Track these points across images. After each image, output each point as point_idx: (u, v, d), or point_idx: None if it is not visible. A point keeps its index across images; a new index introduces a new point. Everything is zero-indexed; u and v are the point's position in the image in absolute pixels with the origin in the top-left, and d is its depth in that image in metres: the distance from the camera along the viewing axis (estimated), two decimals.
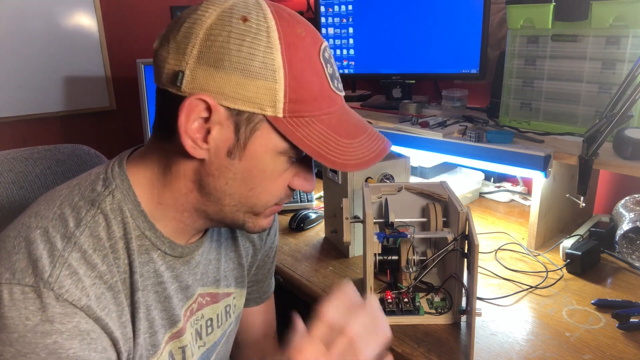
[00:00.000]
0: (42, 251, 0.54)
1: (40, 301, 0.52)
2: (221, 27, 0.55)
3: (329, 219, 1.25)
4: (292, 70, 0.55)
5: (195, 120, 0.56)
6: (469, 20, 1.39)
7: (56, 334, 0.52)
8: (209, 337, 0.77)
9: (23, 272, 0.52)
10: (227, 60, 0.54)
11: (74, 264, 0.54)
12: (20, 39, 1.79)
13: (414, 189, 1.02)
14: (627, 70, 1.03)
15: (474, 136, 1.18)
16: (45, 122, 1.92)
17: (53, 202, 0.59)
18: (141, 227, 0.61)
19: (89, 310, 0.54)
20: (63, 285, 0.53)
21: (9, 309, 0.51)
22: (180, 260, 0.67)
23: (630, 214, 1.08)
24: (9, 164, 0.85)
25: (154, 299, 0.64)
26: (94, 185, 0.61)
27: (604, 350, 0.82)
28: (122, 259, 0.60)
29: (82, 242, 0.56)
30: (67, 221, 0.57)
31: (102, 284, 0.56)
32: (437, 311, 0.91)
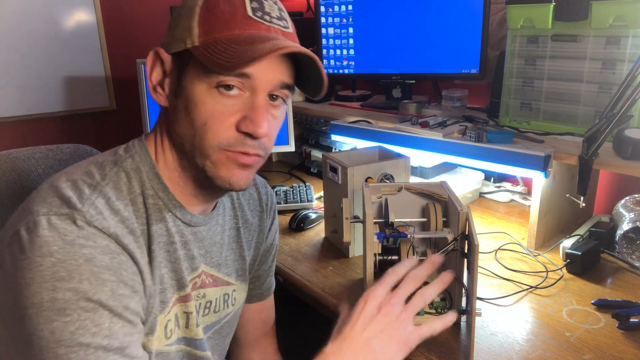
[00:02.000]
0: (71, 194, 0.60)
1: (75, 224, 0.58)
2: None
3: (329, 219, 1.25)
4: (206, 4, 0.64)
5: (154, 70, 0.67)
6: (469, 20, 1.39)
7: (91, 247, 0.57)
8: (204, 319, 0.78)
9: (58, 206, 0.59)
10: (172, 19, 0.67)
11: (99, 207, 0.60)
12: (20, 39, 1.79)
13: (414, 189, 1.01)
14: (627, 70, 1.03)
15: (474, 136, 1.18)
16: (45, 122, 1.92)
17: (80, 165, 0.67)
18: (155, 187, 0.68)
19: (117, 238, 0.60)
20: (93, 216, 0.59)
21: (48, 230, 0.56)
22: (189, 229, 0.72)
23: (630, 214, 1.08)
24: (11, 164, 0.85)
25: (165, 257, 0.68)
26: (116, 151, 0.70)
27: (604, 350, 0.82)
28: (141, 211, 0.66)
29: (107, 191, 0.63)
30: (93, 175, 0.64)
31: (124, 227, 0.62)
32: (437, 311, 0.91)
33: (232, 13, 0.63)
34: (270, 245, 0.91)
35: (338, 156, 1.19)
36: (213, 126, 0.64)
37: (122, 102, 2.06)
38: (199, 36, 0.63)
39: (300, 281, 1.08)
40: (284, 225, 1.36)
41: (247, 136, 0.65)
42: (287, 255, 1.19)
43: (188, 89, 0.64)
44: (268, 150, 0.69)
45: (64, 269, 0.55)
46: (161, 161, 0.69)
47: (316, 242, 1.26)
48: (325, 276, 1.09)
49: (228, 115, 0.64)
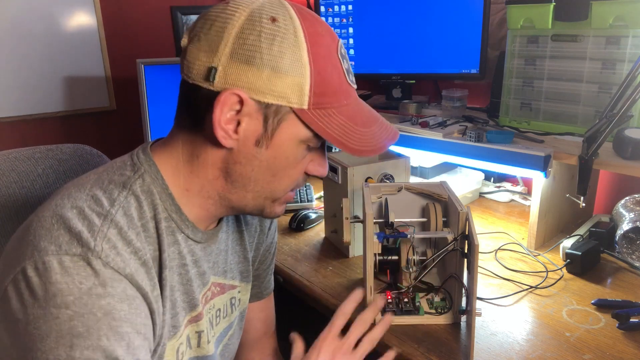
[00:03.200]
0: (81, 227, 0.56)
1: (90, 267, 0.54)
2: (252, 26, 0.59)
3: (329, 219, 1.25)
4: (316, 67, 0.60)
5: (228, 112, 0.60)
6: (469, 20, 1.39)
7: (109, 296, 0.54)
8: (217, 328, 0.79)
9: (68, 244, 0.54)
10: (258, 58, 0.58)
11: (112, 239, 0.57)
12: (20, 39, 1.79)
13: (414, 189, 1.02)
14: (627, 70, 1.03)
15: (474, 136, 1.18)
16: (45, 122, 1.92)
17: (83, 186, 0.61)
18: (169, 209, 0.65)
19: (131, 279, 0.57)
20: (108, 254, 0.56)
21: (62, 276, 0.53)
22: (199, 246, 0.70)
23: (630, 214, 1.08)
24: (11, 164, 0.85)
25: (177, 280, 0.67)
26: (122, 170, 0.64)
27: (604, 350, 0.82)
28: (153, 237, 0.63)
29: (118, 220, 0.59)
30: (101, 201, 0.59)
31: (137, 259, 0.59)
32: (437, 311, 0.91)
33: (338, 80, 0.63)
34: (269, 244, 0.91)
35: (338, 156, 1.20)
36: (294, 175, 0.66)
37: (122, 102, 2.06)
38: (310, 102, 0.61)
39: (300, 281, 1.08)
40: (284, 225, 1.36)
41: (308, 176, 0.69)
42: (287, 255, 1.19)
43: (281, 145, 0.63)
44: None
45: (82, 324, 0.52)
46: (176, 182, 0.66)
47: (316, 242, 1.26)
48: (325, 276, 1.09)
49: (304, 164, 0.67)
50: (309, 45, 0.60)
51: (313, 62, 0.60)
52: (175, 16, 2.11)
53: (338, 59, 0.63)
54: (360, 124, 0.65)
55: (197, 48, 0.60)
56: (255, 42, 0.58)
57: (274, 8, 0.61)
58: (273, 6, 0.61)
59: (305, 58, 0.60)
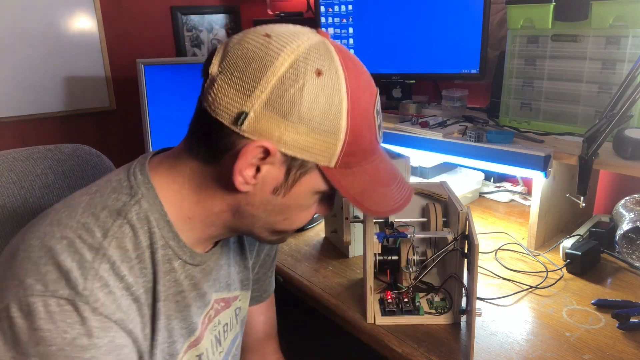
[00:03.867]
0: (71, 263, 0.52)
1: (77, 314, 0.51)
2: (295, 77, 0.54)
3: (329, 219, 1.25)
4: (352, 128, 0.57)
5: (252, 161, 0.56)
6: (469, 20, 1.39)
7: (94, 348, 0.52)
8: (225, 343, 0.77)
9: (55, 283, 0.51)
10: (296, 113, 0.54)
11: (104, 276, 0.54)
12: (20, 39, 1.79)
13: (413, 189, 1.01)
14: (627, 70, 1.03)
15: (474, 136, 1.18)
16: (45, 122, 1.92)
17: (75, 210, 0.57)
18: (166, 237, 0.61)
19: (122, 324, 0.54)
20: (98, 298, 0.52)
21: (46, 321, 0.50)
22: (198, 269, 0.67)
23: (630, 214, 1.08)
24: (10, 164, 0.85)
25: (174, 308, 0.64)
26: (117, 193, 0.60)
27: (604, 350, 0.82)
28: (148, 268, 0.59)
29: (111, 253, 0.55)
30: (93, 231, 0.55)
31: (129, 295, 0.56)
32: (437, 311, 0.91)
33: (370, 141, 0.60)
34: (270, 247, 0.90)
35: None
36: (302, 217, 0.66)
37: (122, 102, 2.05)
38: (339, 162, 0.58)
39: (300, 281, 1.08)
40: None
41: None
42: (287, 255, 1.19)
43: (299, 195, 0.61)
44: None
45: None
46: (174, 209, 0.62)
47: (316, 242, 1.26)
48: (325, 276, 1.09)
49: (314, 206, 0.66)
50: (350, 106, 0.56)
51: (351, 122, 0.57)
52: (175, 16, 2.11)
53: (373, 117, 0.61)
54: (381, 184, 0.63)
55: (228, 84, 0.55)
56: (296, 97, 0.54)
57: (321, 58, 0.56)
58: (320, 55, 0.56)
59: (344, 120, 0.56)
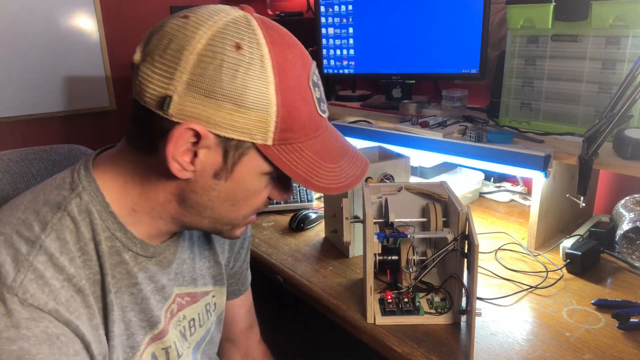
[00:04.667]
0: (5, 257, 0.52)
1: (4, 307, 0.50)
2: (213, 54, 0.53)
3: (329, 219, 1.25)
4: (284, 101, 0.55)
5: (184, 145, 0.55)
6: (469, 20, 1.39)
7: (22, 339, 0.50)
8: (192, 337, 0.76)
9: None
10: (218, 90, 0.53)
11: (40, 268, 0.53)
12: (20, 39, 1.79)
13: (414, 189, 1.01)
14: (627, 70, 1.03)
15: (474, 136, 1.18)
16: (45, 122, 1.92)
17: (17, 208, 0.57)
18: (111, 228, 0.60)
19: (57, 314, 0.53)
20: (28, 290, 0.51)
21: None
22: (153, 261, 0.66)
23: (630, 214, 1.08)
24: (5, 165, 0.84)
25: (130, 300, 0.63)
26: (59, 189, 0.59)
27: (604, 350, 0.82)
28: (94, 260, 0.58)
29: (48, 245, 0.54)
30: (31, 225, 0.55)
31: (70, 287, 0.55)
32: (437, 311, 0.91)
33: (308, 113, 0.58)
34: (243, 240, 0.88)
35: None
36: (254, 204, 0.63)
37: (122, 102, 2.06)
38: (275, 138, 0.56)
39: (300, 281, 1.08)
40: (284, 225, 1.36)
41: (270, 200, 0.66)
42: (287, 255, 1.19)
43: (242, 178, 0.59)
44: None
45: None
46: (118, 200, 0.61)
47: (316, 242, 1.26)
48: (325, 276, 1.08)
49: (266, 190, 0.63)
50: (277, 78, 0.55)
51: (280, 96, 0.55)
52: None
53: (309, 89, 0.58)
54: (328, 160, 0.60)
55: (150, 70, 0.55)
56: (216, 74, 0.53)
57: (240, 31, 0.54)
58: (239, 28, 0.54)
59: (271, 92, 0.54)
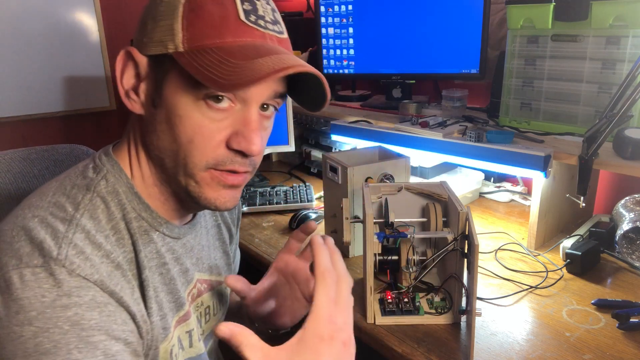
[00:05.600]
0: (44, 235, 0.53)
1: (53, 278, 0.50)
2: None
3: (329, 219, 1.25)
4: (190, 4, 0.56)
5: (126, 72, 0.59)
6: (469, 20, 1.39)
7: (75, 306, 0.51)
8: (207, 325, 0.77)
9: (29, 255, 0.51)
10: (146, 14, 0.60)
11: (79, 244, 0.53)
12: (20, 39, 1.79)
13: (414, 189, 1.01)
14: (627, 70, 1.03)
15: (474, 136, 1.18)
16: (45, 122, 1.92)
17: (45, 194, 0.58)
18: (137, 208, 0.62)
19: (102, 285, 0.54)
20: (74, 261, 0.52)
21: (22, 290, 0.49)
22: (179, 243, 0.68)
23: (630, 214, 1.08)
24: (7, 165, 0.85)
25: (160, 280, 0.64)
26: (84, 173, 0.61)
27: (604, 350, 0.82)
28: (126, 239, 0.60)
29: (84, 223, 0.55)
30: (64, 206, 0.56)
31: (109, 262, 0.56)
32: (437, 311, 0.91)
33: (222, 16, 0.56)
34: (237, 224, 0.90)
35: (338, 156, 1.19)
36: (200, 144, 0.58)
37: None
38: (184, 42, 0.55)
39: None
40: (284, 225, 1.36)
41: (238, 154, 0.59)
42: None
43: (170, 100, 0.57)
44: (257, 165, 0.65)
45: (48, 339, 0.48)
46: (138, 177, 0.63)
47: None
48: None
49: (217, 131, 0.58)
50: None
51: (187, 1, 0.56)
52: None
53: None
54: (241, 58, 0.55)
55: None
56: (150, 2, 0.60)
57: None
58: None
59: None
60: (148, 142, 0.61)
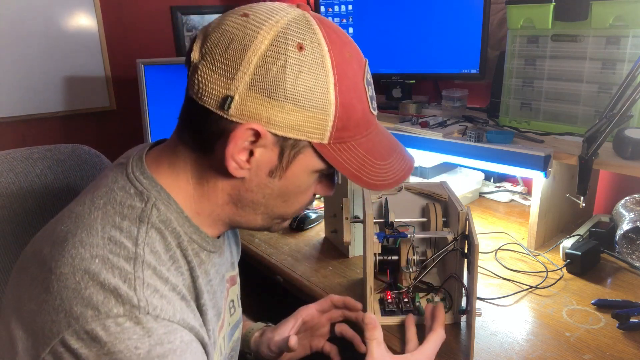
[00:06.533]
0: (114, 279, 0.50)
1: (141, 327, 0.49)
2: (276, 54, 0.53)
3: (329, 219, 1.25)
4: (342, 101, 0.56)
5: (242, 144, 0.56)
6: (469, 20, 1.39)
7: (171, 353, 0.50)
8: (232, 318, 0.78)
9: (105, 304, 0.48)
10: (281, 91, 0.54)
11: (151, 282, 0.52)
12: (20, 39, 1.79)
13: (414, 189, 1.01)
14: (627, 70, 1.03)
15: (474, 136, 1.18)
16: (45, 122, 1.92)
17: (93, 228, 0.54)
18: (188, 232, 0.61)
19: (184, 323, 0.53)
20: (155, 305, 0.51)
21: (113, 344, 0.47)
22: (217, 254, 0.68)
23: (630, 214, 1.08)
24: (9, 164, 0.85)
25: (209, 298, 0.64)
26: (128, 201, 0.57)
27: (604, 350, 0.82)
28: (183, 266, 0.59)
29: (148, 259, 0.54)
30: (122, 243, 0.53)
31: (176, 294, 0.55)
32: None
33: (362, 112, 0.59)
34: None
35: None
36: (303, 200, 0.65)
37: (122, 102, 2.06)
38: (332, 137, 0.57)
39: (300, 281, 1.08)
40: None
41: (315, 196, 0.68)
42: (287, 255, 1.19)
43: (295, 177, 0.60)
44: None
45: None
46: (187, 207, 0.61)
47: (316, 242, 1.26)
48: (325, 276, 1.08)
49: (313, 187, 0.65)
50: (337, 79, 0.55)
51: (339, 96, 0.56)
52: (175, 16, 2.11)
53: (364, 88, 0.59)
54: (379, 157, 0.62)
55: (210, 69, 0.54)
56: (279, 74, 0.53)
57: (301, 31, 0.55)
58: (300, 28, 0.55)
59: (331, 93, 0.55)
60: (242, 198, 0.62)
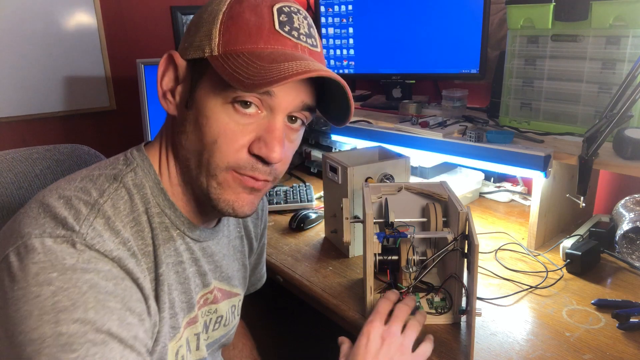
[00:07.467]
0: (66, 213, 0.54)
1: (74, 248, 0.52)
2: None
3: (329, 219, 1.25)
4: (230, 12, 0.59)
5: (166, 75, 0.63)
6: (469, 20, 1.39)
7: (94, 272, 0.52)
8: (213, 333, 0.77)
9: (52, 227, 0.53)
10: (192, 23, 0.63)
11: (98, 228, 0.55)
12: (20, 39, 1.79)
13: (414, 189, 1.01)
14: (627, 70, 1.03)
15: (474, 136, 1.18)
16: (45, 122, 1.92)
17: (74, 179, 0.60)
18: (161, 204, 0.63)
19: (119, 262, 0.55)
20: (93, 238, 0.54)
21: (44, 255, 0.51)
22: (197, 245, 0.68)
23: (630, 214, 1.08)
24: (9, 164, 0.85)
25: (174, 279, 0.64)
26: (113, 165, 0.63)
27: (604, 350, 0.82)
28: (146, 232, 0.61)
29: (106, 209, 0.57)
30: (89, 191, 0.58)
31: (125, 249, 0.57)
32: (437, 311, 0.91)
33: (258, 25, 0.59)
34: (261, 245, 0.91)
35: (338, 156, 1.19)
36: (223, 144, 0.59)
37: (122, 102, 2.06)
38: (219, 45, 0.58)
39: (300, 281, 1.08)
40: (284, 225, 1.36)
41: (259, 160, 0.61)
42: (287, 255, 1.19)
43: (201, 102, 0.60)
44: (279, 176, 0.66)
45: (67, 297, 0.49)
46: (165, 175, 0.65)
47: (316, 242, 1.26)
48: (325, 276, 1.08)
49: (241, 134, 0.59)
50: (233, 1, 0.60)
51: (228, 9, 0.59)
52: (175, 16, 2.11)
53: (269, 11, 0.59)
54: (268, 61, 0.57)
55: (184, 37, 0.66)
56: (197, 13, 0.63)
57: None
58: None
59: (222, 6, 0.60)
60: (177, 142, 0.63)
